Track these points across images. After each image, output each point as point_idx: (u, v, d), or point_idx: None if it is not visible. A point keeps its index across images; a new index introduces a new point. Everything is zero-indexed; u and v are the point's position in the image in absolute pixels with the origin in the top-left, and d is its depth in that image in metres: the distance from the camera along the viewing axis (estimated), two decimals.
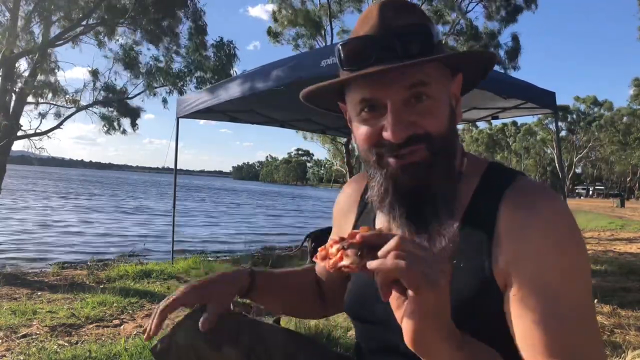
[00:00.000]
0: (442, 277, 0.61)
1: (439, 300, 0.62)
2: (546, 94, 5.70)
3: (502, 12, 15.55)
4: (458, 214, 0.84)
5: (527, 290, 0.74)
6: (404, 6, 0.84)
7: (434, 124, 0.80)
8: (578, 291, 0.74)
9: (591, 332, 0.73)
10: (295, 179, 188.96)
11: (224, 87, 5.46)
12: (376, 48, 0.79)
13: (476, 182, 0.87)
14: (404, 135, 0.78)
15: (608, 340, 3.15)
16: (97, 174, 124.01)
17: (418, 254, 0.62)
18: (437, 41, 0.83)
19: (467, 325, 0.78)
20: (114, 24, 8.07)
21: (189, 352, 0.92)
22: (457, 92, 0.89)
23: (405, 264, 0.60)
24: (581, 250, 0.77)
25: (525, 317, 0.73)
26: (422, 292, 0.61)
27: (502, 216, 0.80)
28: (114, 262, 6.89)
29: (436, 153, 0.80)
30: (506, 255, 0.78)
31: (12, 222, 12.55)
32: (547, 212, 0.78)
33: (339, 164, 30.99)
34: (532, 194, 0.81)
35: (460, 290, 0.79)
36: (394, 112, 0.78)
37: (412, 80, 0.78)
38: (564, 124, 64.17)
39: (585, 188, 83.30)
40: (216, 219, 18.20)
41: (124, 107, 8.75)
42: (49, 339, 3.07)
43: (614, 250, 9.07)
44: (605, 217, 20.63)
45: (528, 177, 0.87)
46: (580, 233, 0.79)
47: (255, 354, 0.93)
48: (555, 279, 0.73)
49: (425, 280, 0.60)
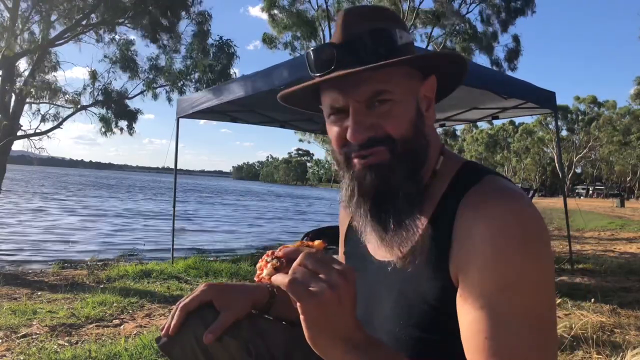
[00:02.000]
0: (326, 291, 0.66)
1: (324, 309, 0.67)
2: (546, 94, 5.71)
3: (502, 14, 15.58)
4: (427, 213, 0.86)
5: (468, 295, 0.75)
6: (368, 12, 0.86)
7: (395, 126, 0.82)
8: (518, 302, 0.72)
9: (533, 344, 0.71)
10: (295, 179, 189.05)
11: (224, 88, 5.46)
12: (337, 54, 0.82)
13: (447, 181, 0.87)
14: (363, 137, 0.82)
15: (608, 340, 3.15)
16: (98, 174, 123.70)
17: (310, 270, 0.68)
18: (401, 44, 0.84)
19: (437, 328, 0.82)
20: (115, 23, 8.07)
21: (191, 342, 0.95)
22: (430, 94, 0.89)
23: (288, 280, 0.67)
24: (531, 258, 0.73)
25: (465, 325, 0.75)
26: (303, 304, 0.67)
27: (457, 216, 0.80)
28: (114, 262, 6.90)
29: (398, 155, 0.82)
30: (456, 257, 0.79)
31: (11, 222, 12.56)
32: (497, 215, 0.75)
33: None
34: (487, 194, 0.80)
35: (424, 292, 0.82)
36: (354, 114, 0.82)
37: (371, 84, 0.81)
38: (563, 124, 64.23)
39: (585, 188, 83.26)
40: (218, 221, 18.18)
41: (122, 108, 8.75)
42: (49, 339, 3.07)
43: (614, 250, 9.07)
44: (605, 217, 20.63)
45: (496, 177, 0.85)
46: (537, 238, 0.75)
47: (254, 345, 0.97)
48: (492, 289, 0.73)
49: (306, 294, 0.66)
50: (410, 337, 0.85)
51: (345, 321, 0.70)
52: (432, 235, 0.83)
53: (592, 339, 2.98)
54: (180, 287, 4.94)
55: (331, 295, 0.66)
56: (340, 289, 0.67)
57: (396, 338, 0.87)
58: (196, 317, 0.97)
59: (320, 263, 0.69)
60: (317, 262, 0.69)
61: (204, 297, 0.97)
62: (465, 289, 0.76)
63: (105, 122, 8.69)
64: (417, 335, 0.84)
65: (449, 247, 0.80)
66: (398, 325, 0.87)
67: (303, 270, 0.68)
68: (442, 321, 0.81)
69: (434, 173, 0.89)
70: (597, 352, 2.82)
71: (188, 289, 4.90)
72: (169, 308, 4.07)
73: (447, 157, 0.92)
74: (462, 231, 0.79)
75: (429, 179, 0.88)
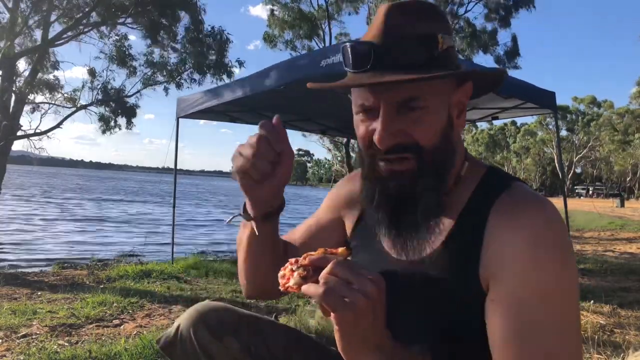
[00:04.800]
0: (361, 301, 0.66)
1: (359, 320, 0.67)
2: (546, 94, 5.70)
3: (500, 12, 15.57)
4: (452, 218, 0.85)
5: (501, 303, 0.75)
6: (413, 11, 0.82)
7: (425, 135, 0.81)
8: (554, 310, 0.73)
9: (567, 350, 0.73)
10: (295, 179, 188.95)
11: (224, 88, 5.47)
12: (374, 55, 0.79)
13: (473, 187, 0.87)
14: (390, 143, 0.80)
15: (608, 340, 3.15)
16: (93, 174, 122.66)
17: (342, 279, 0.67)
18: (442, 50, 0.80)
19: (462, 331, 0.81)
20: (114, 23, 8.07)
21: (192, 342, 0.95)
22: (464, 100, 0.87)
23: (322, 290, 0.66)
24: (565, 266, 0.75)
25: (497, 331, 0.74)
26: (339, 314, 0.67)
27: (489, 223, 0.80)
28: (114, 262, 6.90)
29: (425, 164, 0.81)
30: (488, 263, 0.78)
31: (10, 221, 12.55)
32: (531, 223, 0.76)
33: (339, 164, 31.00)
34: (519, 201, 0.80)
35: (450, 296, 0.82)
36: (384, 118, 0.80)
37: (404, 91, 0.79)
38: (563, 124, 64.22)
39: (585, 188, 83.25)
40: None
41: (121, 105, 8.75)
42: (49, 339, 3.06)
43: (614, 250, 9.07)
44: (605, 217, 20.63)
45: (523, 184, 0.86)
46: (568, 246, 0.77)
47: (254, 346, 0.97)
48: (531, 297, 0.73)
49: (341, 304, 0.66)
50: (435, 340, 0.84)
51: (377, 330, 0.70)
52: (459, 240, 0.82)
53: (592, 339, 2.98)
54: (180, 287, 4.94)
55: (366, 305, 0.66)
56: (374, 298, 0.67)
57: (420, 341, 0.86)
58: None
59: (353, 272, 0.68)
60: (349, 270, 0.68)
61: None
62: (498, 295, 0.75)
63: (104, 121, 8.70)
64: (441, 337, 0.84)
65: (479, 252, 0.79)
66: (422, 327, 0.86)
67: (336, 280, 0.67)
68: (468, 325, 0.80)
69: (459, 178, 0.88)
70: (597, 353, 2.82)
71: (188, 289, 4.90)
72: (169, 308, 4.07)
73: (471, 162, 0.91)
74: (495, 237, 0.78)
75: (453, 185, 0.87)
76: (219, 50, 8.83)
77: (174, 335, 0.98)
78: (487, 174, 0.88)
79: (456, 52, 0.86)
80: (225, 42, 8.98)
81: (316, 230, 1.10)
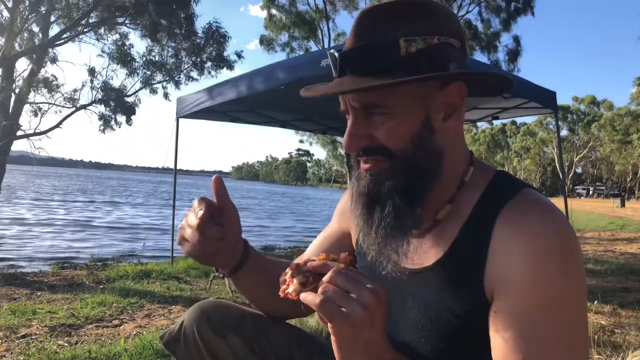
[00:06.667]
0: (358, 311, 0.64)
1: (357, 331, 0.65)
2: (547, 94, 5.70)
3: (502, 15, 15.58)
4: (457, 224, 0.83)
5: (505, 312, 0.73)
6: (382, 14, 0.79)
7: (390, 139, 0.79)
8: (560, 326, 0.71)
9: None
10: (295, 179, 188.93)
11: (224, 88, 5.45)
12: (339, 63, 0.80)
13: (479, 194, 0.84)
14: (355, 147, 0.82)
15: (608, 340, 3.15)
16: (90, 174, 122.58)
17: (341, 288, 0.66)
18: (412, 53, 0.75)
19: (464, 341, 0.80)
20: (114, 23, 8.08)
21: (195, 339, 0.96)
22: (454, 101, 0.81)
23: (319, 300, 0.65)
24: (573, 279, 0.72)
25: (499, 346, 0.73)
26: (335, 325, 0.65)
27: (495, 233, 0.78)
28: (114, 262, 6.89)
29: (396, 167, 0.80)
30: (493, 272, 0.76)
31: (9, 221, 12.55)
32: (538, 233, 0.73)
33: (338, 164, 31.03)
34: (527, 210, 0.77)
35: (454, 304, 0.80)
36: (350, 123, 0.82)
37: (364, 98, 0.79)
38: (564, 124, 64.23)
39: (585, 188, 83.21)
40: None
41: (121, 104, 8.77)
42: (48, 339, 3.06)
43: (614, 250, 9.07)
44: (605, 217, 20.63)
45: (532, 191, 0.82)
46: (576, 259, 0.74)
47: (257, 344, 0.98)
48: (535, 312, 0.71)
49: (338, 314, 0.64)
50: (436, 348, 0.83)
51: (376, 342, 0.68)
52: (464, 247, 0.81)
53: (592, 340, 2.97)
54: (180, 287, 4.94)
55: (364, 316, 0.65)
56: (372, 309, 0.65)
57: (420, 349, 0.85)
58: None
59: (352, 281, 0.67)
60: (348, 280, 0.67)
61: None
62: (502, 305, 0.74)
63: (104, 120, 8.71)
64: (442, 347, 0.82)
65: (484, 261, 0.77)
66: (423, 337, 0.85)
67: (334, 289, 0.66)
68: (470, 335, 0.79)
69: (462, 184, 0.86)
70: (597, 353, 2.82)
71: (188, 289, 4.89)
72: (169, 308, 4.06)
73: (478, 167, 0.88)
74: (501, 246, 0.76)
75: (457, 190, 0.85)
76: (217, 43, 8.85)
77: (178, 332, 0.99)
78: (494, 180, 0.86)
79: (447, 52, 0.78)
80: (223, 36, 9.00)
81: (328, 243, 1.10)
